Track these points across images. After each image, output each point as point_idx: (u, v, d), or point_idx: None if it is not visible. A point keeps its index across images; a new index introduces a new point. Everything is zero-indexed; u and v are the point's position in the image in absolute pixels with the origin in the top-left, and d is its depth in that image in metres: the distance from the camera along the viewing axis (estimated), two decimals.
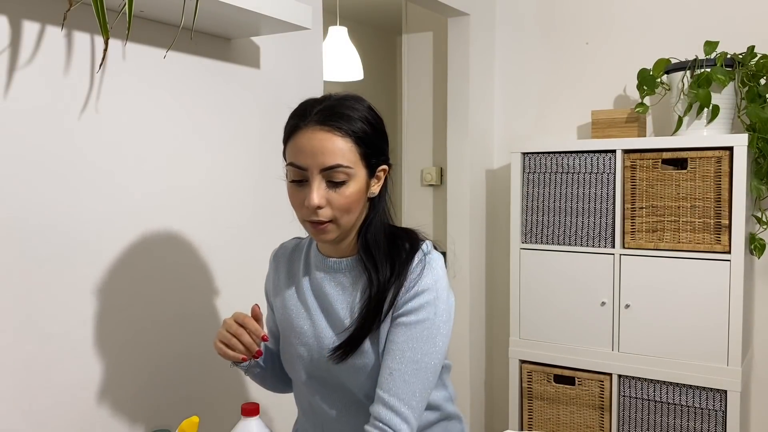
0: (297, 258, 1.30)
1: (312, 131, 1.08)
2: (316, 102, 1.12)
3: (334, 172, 1.08)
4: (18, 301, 1.22)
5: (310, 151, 1.08)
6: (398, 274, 1.12)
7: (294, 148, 1.10)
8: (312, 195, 1.08)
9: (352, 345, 1.13)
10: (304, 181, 1.10)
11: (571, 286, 2.42)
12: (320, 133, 1.08)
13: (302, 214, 1.13)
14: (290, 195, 1.14)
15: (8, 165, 1.20)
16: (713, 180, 2.17)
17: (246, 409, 1.12)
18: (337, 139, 1.08)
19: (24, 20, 1.22)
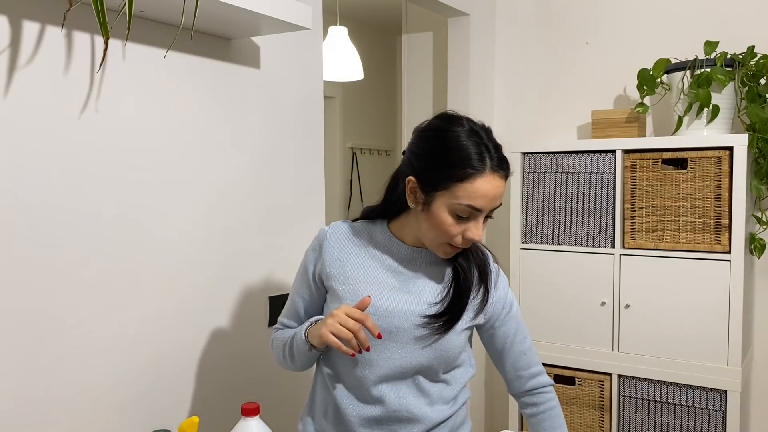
0: (362, 241, 1.32)
1: (493, 178, 1.17)
2: (487, 138, 1.19)
3: (494, 209, 1.22)
4: (18, 300, 1.23)
5: (491, 197, 1.18)
6: (483, 271, 1.31)
7: (474, 192, 1.16)
8: (479, 232, 1.20)
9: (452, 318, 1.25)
10: (466, 218, 1.19)
11: (571, 286, 2.42)
12: (499, 181, 1.18)
13: (453, 241, 1.21)
14: (447, 225, 1.18)
15: (8, 164, 1.20)
16: (713, 180, 2.17)
17: (246, 409, 1.12)
18: (504, 184, 1.20)
19: (24, 20, 1.22)
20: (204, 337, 1.60)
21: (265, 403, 1.71)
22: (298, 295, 1.37)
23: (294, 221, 1.84)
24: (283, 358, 1.34)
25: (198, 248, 1.58)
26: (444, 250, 1.23)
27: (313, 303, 1.36)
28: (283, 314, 1.40)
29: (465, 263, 1.29)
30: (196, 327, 1.58)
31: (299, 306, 1.37)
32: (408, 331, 1.24)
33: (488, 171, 1.16)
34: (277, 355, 1.37)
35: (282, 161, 1.80)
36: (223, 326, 1.65)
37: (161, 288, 1.49)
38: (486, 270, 1.31)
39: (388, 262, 1.29)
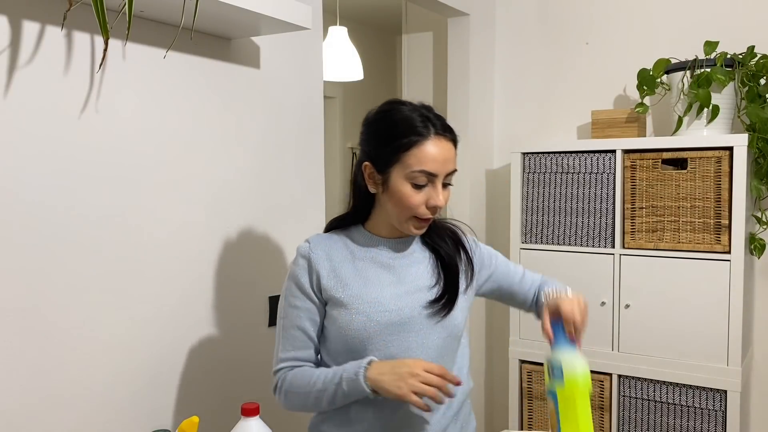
0: (342, 247, 1.31)
1: (438, 140, 1.22)
2: (427, 111, 1.25)
3: (451, 176, 1.26)
4: (18, 300, 1.23)
5: (441, 159, 1.22)
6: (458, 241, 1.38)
7: (422, 157, 1.21)
8: (440, 197, 1.23)
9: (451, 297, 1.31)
10: (423, 185, 1.23)
11: (571, 286, 2.41)
12: (446, 143, 1.23)
13: (417, 212, 1.24)
14: (407, 196, 1.22)
15: (8, 164, 1.20)
16: (713, 180, 2.17)
17: (246, 409, 1.12)
18: (453, 148, 1.25)
19: (24, 20, 1.22)
20: (204, 337, 1.60)
21: (265, 403, 1.71)
22: (304, 320, 1.28)
23: (294, 221, 1.84)
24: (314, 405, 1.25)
25: (198, 248, 1.58)
26: (413, 224, 1.26)
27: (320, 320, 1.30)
28: (288, 348, 1.28)
29: (440, 242, 1.35)
30: (196, 327, 1.58)
31: (308, 330, 1.29)
32: (418, 320, 1.27)
33: (433, 135, 1.22)
34: (295, 400, 1.27)
35: (282, 161, 1.80)
36: (223, 326, 1.65)
37: (161, 288, 1.49)
38: (459, 239, 1.38)
39: (377, 260, 1.30)
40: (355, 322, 1.24)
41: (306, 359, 1.30)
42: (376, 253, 1.31)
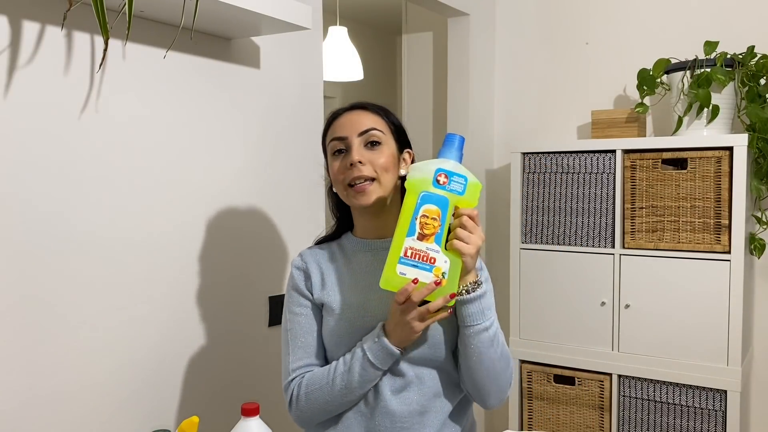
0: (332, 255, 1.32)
1: (348, 112, 1.27)
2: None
3: (370, 135, 1.24)
4: (18, 300, 1.23)
5: (348, 123, 1.25)
6: None
7: (333, 128, 1.27)
8: (352, 152, 1.22)
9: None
10: (344, 151, 1.24)
11: (571, 286, 2.42)
12: (355, 111, 1.27)
13: (344, 178, 1.23)
14: (333, 169, 1.26)
15: (8, 164, 1.20)
16: (713, 180, 2.17)
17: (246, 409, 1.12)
18: (369, 114, 1.27)
19: (24, 20, 1.22)
20: (204, 337, 1.60)
21: (265, 403, 1.71)
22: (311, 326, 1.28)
23: (294, 221, 1.84)
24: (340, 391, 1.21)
25: (198, 248, 1.58)
26: (351, 195, 1.23)
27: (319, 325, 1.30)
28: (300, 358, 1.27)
29: None
30: (196, 327, 1.58)
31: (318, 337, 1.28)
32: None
33: (345, 111, 1.28)
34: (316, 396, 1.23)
35: (282, 161, 1.80)
36: (223, 326, 1.65)
37: (161, 288, 1.49)
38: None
39: (362, 265, 1.28)
40: (339, 328, 1.24)
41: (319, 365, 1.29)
42: (362, 258, 1.30)
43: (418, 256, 1.10)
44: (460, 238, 1.11)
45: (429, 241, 1.10)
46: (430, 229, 1.10)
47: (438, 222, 1.10)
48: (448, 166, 1.13)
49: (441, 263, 1.10)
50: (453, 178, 1.12)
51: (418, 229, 1.10)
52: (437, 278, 1.10)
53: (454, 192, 1.11)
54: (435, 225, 1.10)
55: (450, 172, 1.12)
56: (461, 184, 1.12)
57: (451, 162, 1.13)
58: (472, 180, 1.13)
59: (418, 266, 1.09)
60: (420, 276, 1.10)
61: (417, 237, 1.09)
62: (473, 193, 1.13)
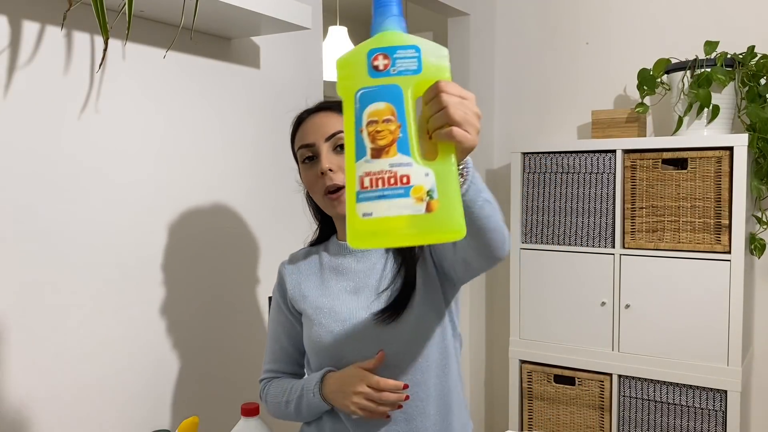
0: (314, 259, 1.31)
1: (313, 116, 1.23)
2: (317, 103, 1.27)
3: (337, 138, 1.19)
4: (17, 301, 1.22)
5: (313, 129, 1.21)
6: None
7: (300, 134, 1.23)
8: (321, 160, 1.18)
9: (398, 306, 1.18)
10: (314, 158, 1.21)
11: (572, 286, 2.42)
12: (320, 113, 1.22)
13: (319, 188, 1.20)
14: (305, 179, 1.23)
15: (8, 164, 1.20)
16: (713, 180, 2.17)
17: (246, 409, 1.12)
18: (334, 115, 1.21)
19: (24, 20, 1.22)
20: (204, 337, 1.60)
21: None
22: (280, 334, 1.32)
23: (294, 221, 1.84)
24: (289, 415, 1.26)
25: (198, 248, 1.57)
26: (328, 203, 1.20)
27: (297, 334, 1.31)
28: (269, 361, 1.34)
29: None
30: (196, 327, 1.58)
31: (284, 343, 1.32)
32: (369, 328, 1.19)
33: (309, 115, 1.24)
34: (275, 410, 1.29)
35: (282, 161, 1.80)
36: (223, 326, 1.64)
37: (161, 288, 1.49)
38: None
39: (340, 269, 1.26)
40: (314, 334, 1.23)
41: (284, 371, 1.33)
42: (341, 262, 1.27)
43: (381, 181, 0.75)
44: (451, 117, 0.77)
45: (390, 153, 0.75)
46: (386, 137, 0.75)
47: (395, 122, 0.75)
48: (383, 41, 0.77)
49: (420, 178, 0.74)
50: (396, 55, 0.76)
51: (369, 144, 0.75)
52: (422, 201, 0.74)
53: (405, 73, 0.76)
54: (392, 128, 0.75)
55: (389, 48, 0.76)
56: (413, 59, 0.76)
57: (386, 35, 0.77)
58: (429, 46, 0.77)
59: (386, 195, 0.74)
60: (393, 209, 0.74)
61: (371, 154, 0.75)
62: (436, 64, 0.77)
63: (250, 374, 1.72)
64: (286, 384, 1.28)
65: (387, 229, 0.74)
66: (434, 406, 1.20)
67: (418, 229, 0.74)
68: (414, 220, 0.74)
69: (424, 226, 0.74)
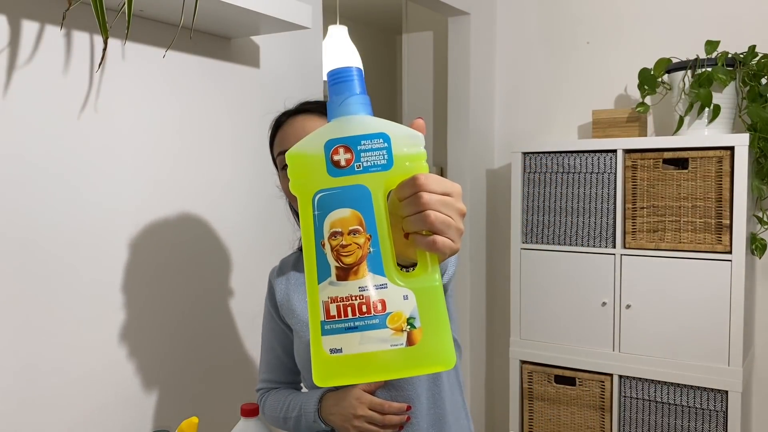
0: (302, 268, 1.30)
1: (292, 119, 1.18)
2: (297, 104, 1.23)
3: None
4: (17, 301, 1.22)
5: (292, 133, 1.16)
6: None
7: (279, 139, 1.19)
8: None
9: None
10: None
11: (572, 287, 2.41)
12: (299, 116, 1.18)
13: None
14: (284, 186, 1.18)
15: (7, 165, 1.20)
16: (714, 180, 2.16)
17: (246, 409, 1.11)
18: (314, 118, 1.17)
19: (23, 20, 1.21)
20: (204, 337, 1.59)
21: None
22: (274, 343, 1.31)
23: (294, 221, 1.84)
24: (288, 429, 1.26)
25: (197, 248, 1.57)
26: None
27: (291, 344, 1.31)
28: (265, 371, 1.33)
29: None
30: (195, 327, 1.57)
31: (279, 353, 1.31)
32: None
33: (288, 118, 1.19)
34: (273, 423, 1.29)
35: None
36: (223, 326, 1.64)
37: (161, 288, 1.49)
38: None
39: None
40: (303, 352, 1.23)
41: (281, 381, 1.32)
42: None
43: (350, 309, 0.61)
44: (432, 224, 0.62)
45: (359, 274, 0.61)
46: (354, 252, 0.61)
47: (363, 234, 0.61)
48: (344, 129, 0.63)
49: (398, 303, 0.61)
50: (361, 147, 0.62)
51: (332, 262, 0.61)
52: (403, 332, 0.61)
53: (372, 169, 0.62)
54: (360, 242, 0.61)
55: (351, 138, 0.62)
56: (382, 151, 0.62)
57: (347, 120, 0.63)
58: (401, 134, 0.63)
59: (358, 327, 0.61)
60: (368, 341, 0.61)
61: (335, 276, 0.61)
62: (411, 156, 0.63)
63: (250, 374, 1.72)
64: (283, 398, 1.27)
65: (360, 367, 0.61)
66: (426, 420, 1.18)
67: (398, 365, 0.61)
68: (393, 354, 0.60)
69: (405, 360, 0.60)
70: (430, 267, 0.62)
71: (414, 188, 0.62)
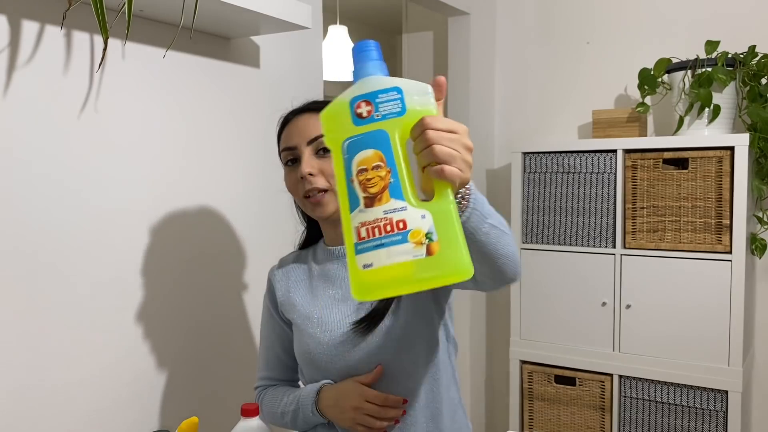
0: (303, 264, 1.30)
1: (297, 117, 1.22)
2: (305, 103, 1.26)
3: (320, 142, 1.17)
4: (17, 301, 1.22)
5: (296, 131, 1.19)
6: None
7: (284, 136, 1.23)
8: (302, 164, 1.17)
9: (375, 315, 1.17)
10: (296, 161, 1.20)
11: (572, 287, 2.41)
12: (304, 115, 1.21)
13: (299, 191, 1.19)
14: (287, 181, 1.22)
15: (7, 165, 1.20)
16: (714, 180, 2.16)
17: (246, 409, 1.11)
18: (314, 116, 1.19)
19: (23, 20, 1.21)
20: (204, 337, 1.59)
21: None
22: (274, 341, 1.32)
23: (294, 221, 1.84)
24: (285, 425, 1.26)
25: (198, 248, 1.57)
26: (309, 207, 1.20)
27: (290, 341, 1.31)
28: (263, 368, 1.34)
29: None
30: (196, 327, 1.57)
31: (278, 351, 1.32)
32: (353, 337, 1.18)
33: (294, 116, 1.22)
34: (271, 419, 1.29)
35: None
36: (223, 326, 1.64)
37: (161, 288, 1.49)
38: None
39: (328, 276, 1.24)
40: (304, 345, 1.23)
41: (278, 378, 1.33)
42: (329, 268, 1.25)
43: (377, 230, 0.73)
44: (438, 156, 0.74)
45: (383, 200, 0.74)
46: (377, 183, 0.74)
47: (385, 168, 0.74)
48: (364, 87, 0.77)
49: (417, 221, 0.73)
50: (378, 99, 0.76)
51: (360, 193, 0.74)
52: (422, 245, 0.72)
53: (389, 117, 0.75)
54: (382, 174, 0.74)
55: (371, 93, 0.76)
56: (396, 101, 0.76)
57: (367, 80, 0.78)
58: (412, 86, 0.77)
59: (384, 243, 0.73)
60: (394, 255, 0.73)
61: (364, 204, 0.74)
62: (421, 102, 0.77)
63: (250, 374, 1.72)
64: (281, 394, 1.27)
65: (390, 279, 0.73)
66: (423, 414, 1.18)
67: (422, 275, 0.72)
68: (416, 265, 0.72)
69: (427, 270, 0.72)
70: (444, 193, 0.75)
71: (422, 127, 0.74)
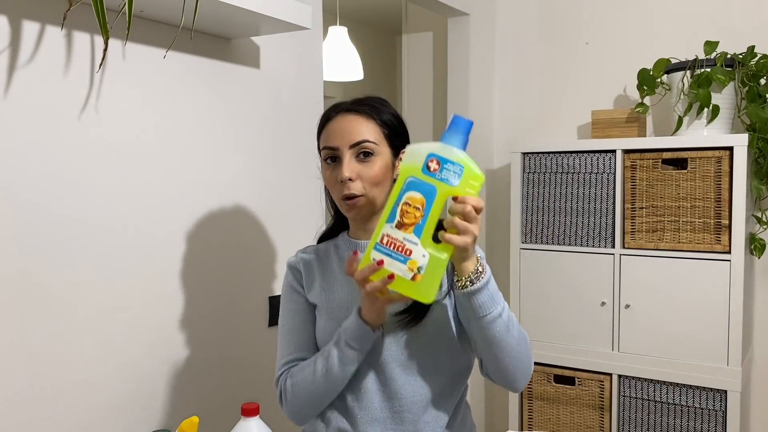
0: (326, 257, 1.31)
1: (341, 116, 1.22)
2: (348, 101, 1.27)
3: (362, 147, 1.20)
4: (18, 301, 1.22)
5: (339, 132, 1.21)
6: None
7: (326, 134, 1.23)
8: (342, 168, 1.19)
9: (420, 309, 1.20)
10: (337, 161, 1.21)
11: (571, 286, 2.42)
12: (348, 115, 1.22)
13: (337, 192, 1.22)
14: (326, 178, 1.24)
15: (8, 164, 1.20)
16: (713, 180, 2.17)
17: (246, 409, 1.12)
18: (362, 120, 1.21)
19: (24, 20, 1.22)
20: (204, 337, 1.60)
21: (265, 403, 1.71)
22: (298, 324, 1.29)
23: (294, 221, 1.84)
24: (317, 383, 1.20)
25: (198, 248, 1.57)
26: (343, 208, 1.22)
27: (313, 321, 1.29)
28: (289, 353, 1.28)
29: None
30: (196, 327, 1.58)
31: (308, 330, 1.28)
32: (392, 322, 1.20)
33: (338, 114, 1.23)
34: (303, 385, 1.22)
35: (282, 161, 1.80)
36: (223, 326, 1.65)
37: (161, 288, 1.49)
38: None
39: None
40: (329, 327, 1.23)
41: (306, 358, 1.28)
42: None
43: (393, 245, 1.01)
44: (455, 226, 1.00)
45: (407, 231, 1.00)
46: (411, 218, 1.00)
47: (420, 212, 1.00)
48: (443, 151, 1.00)
49: (418, 257, 1.01)
50: (446, 166, 1.00)
51: (398, 217, 1.01)
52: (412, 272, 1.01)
53: (444, 181, 1.00)
54: (417, 215, 1.00)
55: (443, 158, 1.00)
56: (455, 174, 1.00)
57: (448, 148, 1.01)
58: (472, 170, 1.01)
59: (392, 255, 1.01)
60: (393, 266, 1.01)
61: (396, 225, 1.01)
62: (470, 184, 1.01)
63: (250, 374, 1.72)
64: (312, 357, 1.23)
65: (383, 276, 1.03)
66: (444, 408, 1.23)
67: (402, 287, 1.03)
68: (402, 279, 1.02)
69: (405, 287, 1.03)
70: (447, 247, 1.02)
71: (464, 201, 1.01)
